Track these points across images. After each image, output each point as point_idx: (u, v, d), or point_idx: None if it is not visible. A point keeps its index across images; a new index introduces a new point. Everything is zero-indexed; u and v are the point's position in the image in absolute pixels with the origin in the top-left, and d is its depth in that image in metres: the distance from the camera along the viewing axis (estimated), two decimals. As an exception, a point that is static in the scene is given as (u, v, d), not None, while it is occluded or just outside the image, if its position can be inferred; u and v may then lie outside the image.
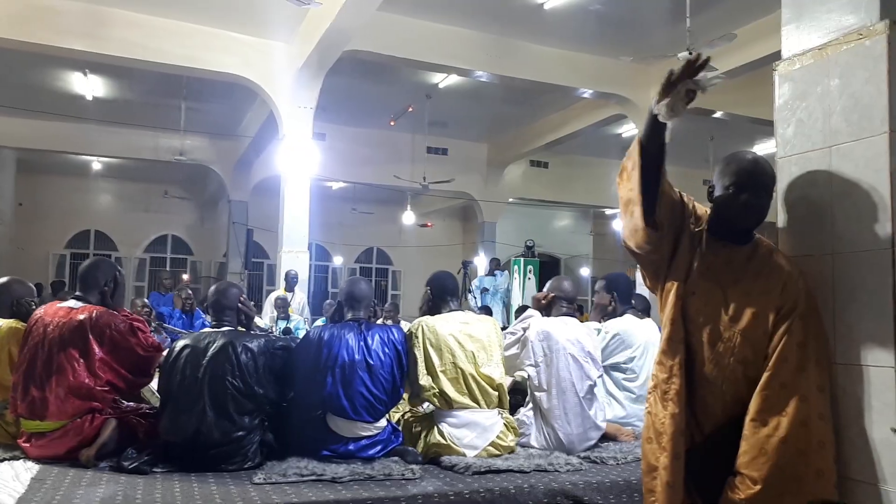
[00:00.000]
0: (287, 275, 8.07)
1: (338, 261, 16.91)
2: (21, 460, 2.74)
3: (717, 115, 10.75)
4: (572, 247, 17.47)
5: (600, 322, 3.80)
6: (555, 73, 9.36)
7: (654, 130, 1.87)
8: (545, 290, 3.55)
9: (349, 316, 3.10)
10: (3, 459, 2.75)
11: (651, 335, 3.68)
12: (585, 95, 10.20)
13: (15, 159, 13.44)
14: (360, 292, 3.16)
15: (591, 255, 17.71)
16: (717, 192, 1.89)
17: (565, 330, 3.30)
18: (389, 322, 6.51)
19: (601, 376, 3.37)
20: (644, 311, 3.87)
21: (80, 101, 10.50)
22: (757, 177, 1.84)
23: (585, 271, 17.02)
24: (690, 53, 6.72)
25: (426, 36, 8.45)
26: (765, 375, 1.74)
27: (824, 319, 1.85)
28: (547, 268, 13.75)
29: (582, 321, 3.56)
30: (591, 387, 3.26)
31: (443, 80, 10.25)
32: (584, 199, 15.44)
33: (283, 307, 7.42)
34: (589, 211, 17.29)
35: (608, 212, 16.20)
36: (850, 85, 1.85)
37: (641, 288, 2.94)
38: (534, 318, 3.36)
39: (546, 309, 3.45)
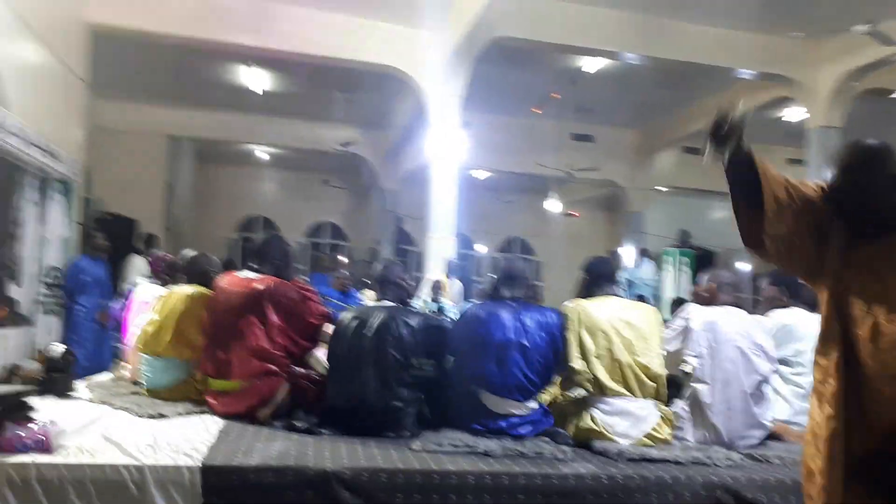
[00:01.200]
0: (448, 263, 8.31)
1: (480, 249, 17.11)
2: (208, 415, 3.06)
3: (897, 95, 9.72)
4: (729, 239, 16.30)
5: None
6: (711, 53, 8.86)
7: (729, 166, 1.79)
8: (705, 281, 3.40)
9: (506, 294, 3.14)
10: (194, 413, 3.08)
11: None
12: (745, 76, 9.58)
13: (193, 150, 14.81)
14: (517, 271, 3.19)
15: (748, 247, 16.61)
16: (833, 186, 1.76)
17: (732, 321, 3.14)
18: None
19: (775, 371, 3.18)
20: (814, 305, 3.60)
21: (249, 93, 11.35)
22: (861, 163, 1.71)
23: (743, 266, 16.02)
24: (868, 27, 6.13)
25: (574, 19, 8.29)
26: None
27: None
28: (702, 261, 13.07)
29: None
30: (760, 382, 3.08)
31: (590, 65, 10.03)
32: (742, 189, 14.51)
33: (437, 289, 7.65)
34: (746, 201, 16.22)
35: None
36: None
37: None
38: (696, 307, 3.23)
39: (709, 302, 3.31)
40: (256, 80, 10.84)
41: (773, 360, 3.14)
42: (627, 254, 12.61)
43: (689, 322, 3.13)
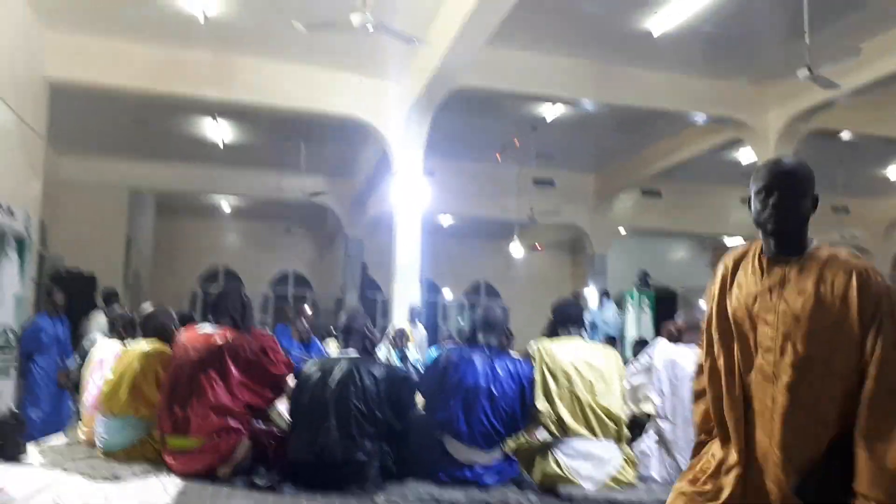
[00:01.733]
0: (411, 310, 8.28)
1: (447, 295, 17.12)
2: (166, 475, 2.97)
3: (844, 135, 10.14)
4: (690, 279, 16.75)
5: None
6: (665, 99, 9.17)
7: None
8: (680, 319, 3.49)
9: (481, 340, 3.15)
10: (152, 473, 2.98)
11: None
12: (698, 121, 9.91)
13: (154, 203, 14.67)
14: (494, 318, 3.21)
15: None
16: (751, 203, 1.74)
17: (693, 358, 3.19)
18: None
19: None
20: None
21: (211, 145, 11.34)
22: (787, 177, 1.69)
23: (704, 304, 16.26)
24: (810, 71, 6.41)
25: (532, 68, 8.52)
26: (868, 386, 1.56)
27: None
28: (664, 301, 13.26)
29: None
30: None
31: (549, 112, 10.29)
32: (702, 229, 14.87)
33: (400, 337, 7.59)
34: (706, 241, 16.62)
35: (728, 241, 15.51)
36: None
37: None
38: (660, 344, 3.29)
39: (676, 340, 3.37)
40: (219, 131, 10.86)
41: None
42: (591, 295, 12.73)
43: (652, 360, 3.18)
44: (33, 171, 7.46)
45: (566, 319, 3.26)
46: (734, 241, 15.11)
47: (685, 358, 3.15)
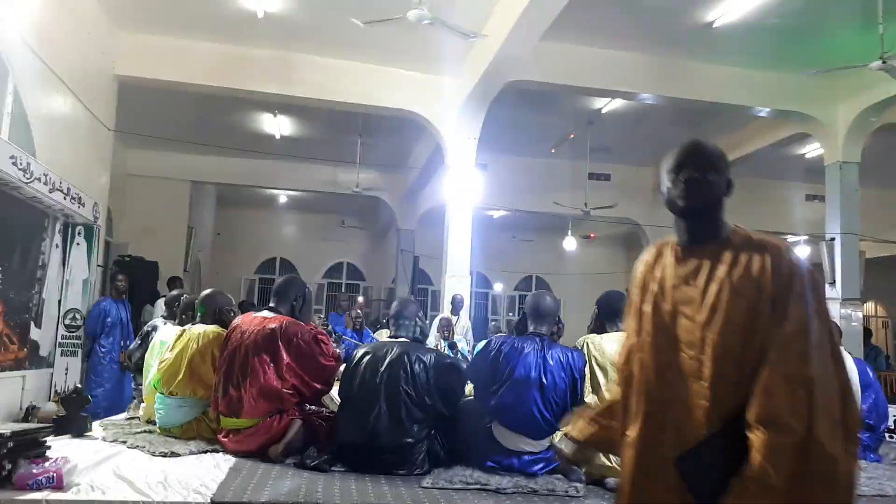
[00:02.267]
0: (453, 299, 8.30)
1: (498, 288, 17.08)
2: (220, 453, 3.06)
3: (924, 128, 9.66)
4: (750, 277, 16.31)
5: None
6: (727, 92, 8.91)
7: None
8: None
9: (531, 329, 3.12)
10: (206, 451, 3.08)
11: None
12: (762, 114, 9.60)
13: (214, 194, 15.10)
14: (545, 307, 3.16)
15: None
16: (664, 188, 1.67)
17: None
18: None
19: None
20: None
21: (269, 139, 11.61)
22: (697, 153, 1.64)
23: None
24: (884, 62, 6.14)
25: (589, 62, 8.41)
26: (764, 370, 1.45)
27: None
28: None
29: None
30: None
31: (606, 105, 10.13)
32: (766, 226, 14.33)
33: (447, 328, 7.64)
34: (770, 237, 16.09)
35: (791, 238, 14.99)
36: None
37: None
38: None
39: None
40: (277, 125, 11.09)
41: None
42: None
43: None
44: (102, 163, 7.77)
45: (612, 311, 3.19)
46: (798, 238, 14.60)
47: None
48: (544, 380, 2.90)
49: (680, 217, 1.64)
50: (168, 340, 3.66)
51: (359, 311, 7.93)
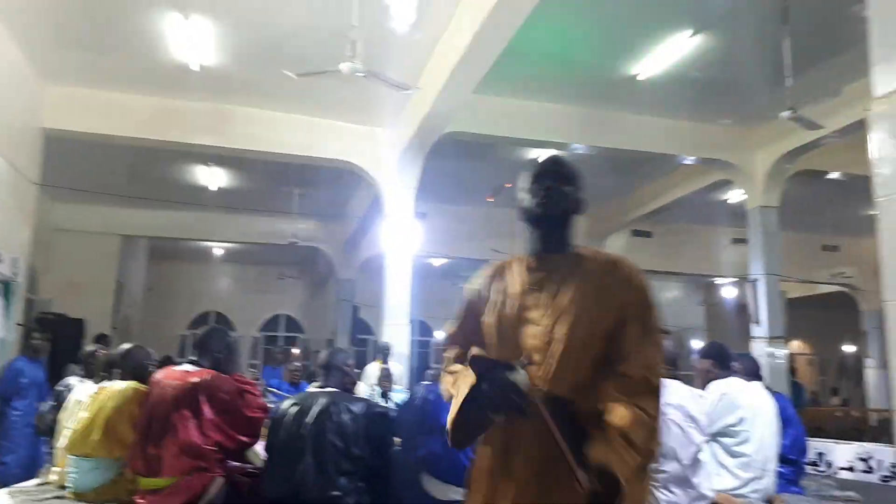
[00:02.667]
0: (383, 346, 8.21)
1: (439, 335, 17.02)
2: (138, 516, 2.90)
3: (833, 175, 10.26)
4: (683, 318, 16.77)
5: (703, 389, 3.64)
6: (653, 142, 9.31)
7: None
8: None
9: None
10: (123, 515, 2.92)
11: (760, 399, 3.47)
12: (687, 162, 10.04)
13: (147, 248, 14.70)
14: None
15: (703, 326, 16.92)
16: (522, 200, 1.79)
17: (666, 395, 3.16)
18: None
19: (707, 441, 3.18)
20: (751, 373, 3.66)
21: (204, 191, 11.44)
22: (556, 166, 1.78)
23: (698, 344, 16.22)
24: (793, 112, 6.53)
25: (521, 114, 8.68)
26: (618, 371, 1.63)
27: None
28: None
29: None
30: (696, 453, 3.08)
31: (540, 156, 10.40)
32: (693, 269, 14.89)
33: (387, 377, 7.51)
34: (698, 280, 16.66)
35: (718, 281, 15.54)
36: (952, 117, 1.77)
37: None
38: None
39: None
40: (212, 177, 10.95)
41: (704, 431, 3.15)
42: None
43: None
44: (24, 217, 7.49)
45: None
46: (725, 281, 15.12)
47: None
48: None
49: (535, 226, 1.76)
50: (84, 399, 3.48)
51: (296, 363, 7.75)
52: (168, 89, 7.97)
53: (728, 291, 15.11)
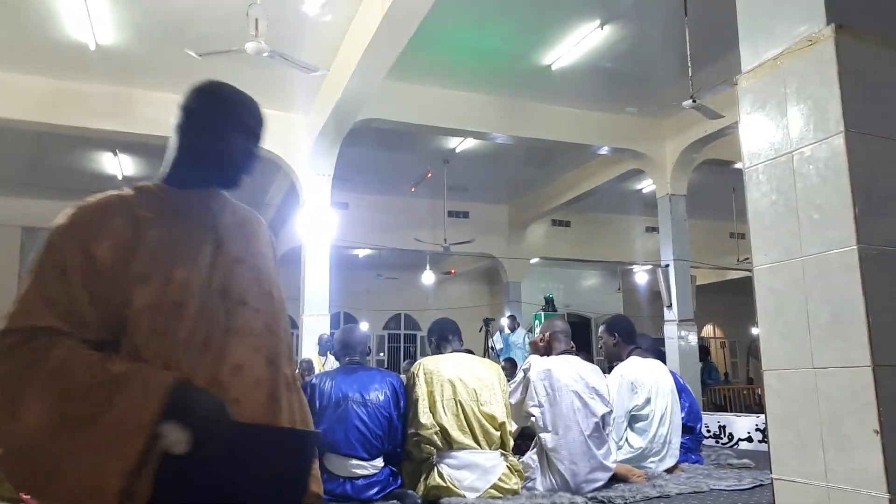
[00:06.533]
0: (320, 339, 8.12)
1: (364, 327, 16.95)
2: (21, 510, 2.76)
3: (738, 165, 10.73)
4: (602, 305, 17.29)
5: (610, 364, 3.78)
6: (568, 132, 9.51)
7: None
8: (539, 331, 3.56)
9: (346, 361, 3.16)
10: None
11: (659, 375, 3.62)
12: (601, 152, 10.32)
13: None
14: (353, 339, 3.24)
15: (621, 312, 17.48)
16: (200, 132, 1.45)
17: (567, 367, 3.26)
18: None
19: (610, 412, 3.29)
20: (650, 350, 3.82)
21: (111, 180, 10.93)
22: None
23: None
24: (695, 102, 6.81)
25: (439, 102, 8.68)
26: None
27: (798, 323, 1.82)
28: (578, 327, 13.59)
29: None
30: (598, 424, 3.19)
31: (459, 145, 10.48)
32: (609, 256, 15.36)
33: (308, 370, 7.43)
34: (615, 268, 17.19)
35: (635, 268, 16.08)
36: (805, 90, 1.88)
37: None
38: (534, 358, 3.34)
39: (546, 351, 3.43)
40: (118, 166, 10.50)
41: (607, 402, 3.26)
42: (504, 321, 12.89)
43: (528, 373, 3.21)
44: None
45: (444, 333, 3.29)
46: (640, 268, 15.66)
47: (560, 368, 3.21)
48: (365, 395, 2.93)
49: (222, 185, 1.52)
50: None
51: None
52: (65, 70, 7.54)
53: (642, 278, 15.65)
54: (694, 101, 6.76)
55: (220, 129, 1.45)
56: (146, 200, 1.41)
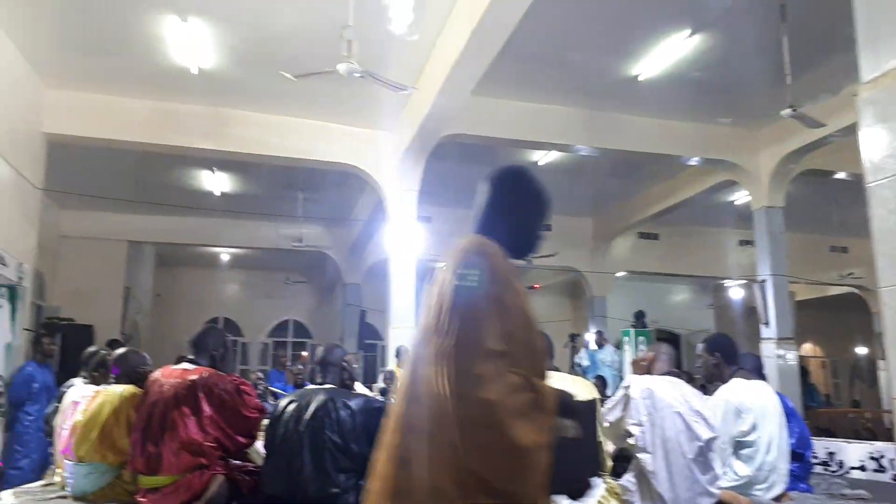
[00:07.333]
0: (398, 350, 8.23)
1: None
2: (137, 515, 2.91)
3: (839, 175, 10.18)
4: (692, 322, 16.70)
5: (708, 385, 3.63)
6: (656, 143, 9.27)
7: None
8: (644, 352, 3.46)
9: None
10: (122, 514, 2.93)
11: (765, 398, 3.43)
12: (692, 163, 10.01)
13: (154, 254, 14.77)
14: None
15: (713, 328, 16.82)
16: (523, 216, 1.76)
17: (670, 388, 3.14)
18: None
19: (715, 438, 3.14)
20: (754, 370, 3.62)
21: (209, 196, 11.49)
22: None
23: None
24: (794, 111, 6.50)
25: (522, 116, 8.66)
26: None
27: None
28: (666, 342, 13.15)
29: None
30: (702, 448, 3.05)
31: (542, 158, 10.40)
32: (701, 271, 14.82)
33: (390, 380, 7.53)
34: (707, 283, 16.57)
35: (727, 283, 15.46)
36: (938, 101, 1.76)
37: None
38: (635, 377, 3.25)
39: (647, 371, 3.33)
40: (216, 182, 11.00)
41: (713, 427, 3.12)
42: (593, 338, 12.65)
43: (628, 391, 3.12)
44: (28, 223, 7.54)
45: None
46: (733, 283, 15.04)
47: (663, 388, 3.11)
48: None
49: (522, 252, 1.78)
50: (79, 401, 3.49)
51: (300, 365, 7.77)
52: (167, 93, 8.00)
53: (736, 293, 15.03)
54: (794, 110, 6.47)
55: (543, 217, 1.79)
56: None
